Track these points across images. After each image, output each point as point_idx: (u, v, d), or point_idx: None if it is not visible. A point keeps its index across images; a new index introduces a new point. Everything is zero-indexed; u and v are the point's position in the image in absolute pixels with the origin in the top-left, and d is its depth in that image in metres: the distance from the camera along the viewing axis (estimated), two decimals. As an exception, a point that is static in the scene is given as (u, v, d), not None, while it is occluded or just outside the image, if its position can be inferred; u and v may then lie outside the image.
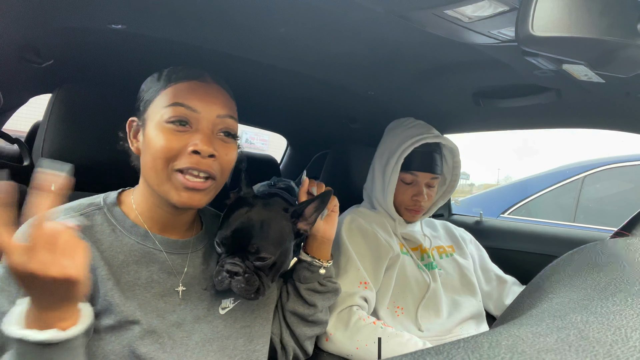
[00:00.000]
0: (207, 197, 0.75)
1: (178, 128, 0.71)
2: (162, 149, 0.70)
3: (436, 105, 1.44)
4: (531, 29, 0.53)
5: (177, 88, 0.74)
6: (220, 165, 0.75)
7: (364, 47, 0.99)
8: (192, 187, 0.71)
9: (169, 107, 0.72)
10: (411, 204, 1.32)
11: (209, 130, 0.73)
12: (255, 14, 0.86)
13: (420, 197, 1.30)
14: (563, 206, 3.00)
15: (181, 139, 0.71)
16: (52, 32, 0.94)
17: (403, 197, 1.32)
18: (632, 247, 0.43)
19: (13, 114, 1.30)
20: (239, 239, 0.81)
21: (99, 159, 0.99)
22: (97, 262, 0.70)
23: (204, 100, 0.73)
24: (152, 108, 0.75)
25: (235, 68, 1.18)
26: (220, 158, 0.74)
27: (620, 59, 0.59)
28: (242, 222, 0.82)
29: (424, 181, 1.32)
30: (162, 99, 0.74)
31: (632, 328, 0.28)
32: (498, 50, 0.86)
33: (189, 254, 0.81)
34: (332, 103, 1.53)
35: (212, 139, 0.73)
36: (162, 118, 0.72)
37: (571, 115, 1.30)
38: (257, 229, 0.82)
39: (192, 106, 0.72)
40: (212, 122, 0.74)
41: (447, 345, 0.28)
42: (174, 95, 0.73)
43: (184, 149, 0.71)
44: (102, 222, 0.74)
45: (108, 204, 0.78)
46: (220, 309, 0.82)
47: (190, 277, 0.80)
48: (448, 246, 1.43)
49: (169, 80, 0.76)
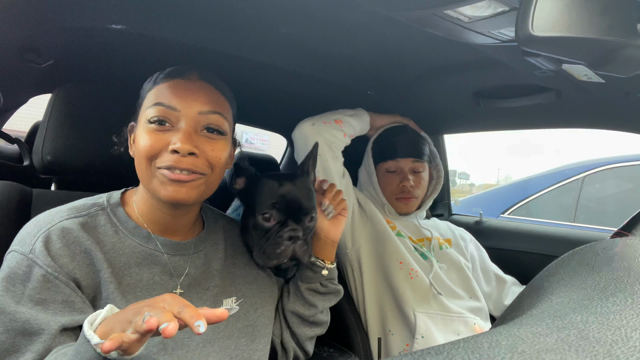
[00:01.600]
0: (196, 191, 0.73)
1: (159, 128, 0.72)
2: (144, 148, 0.71)
3: (436, 105, 1.44)
4: (531, 29, 0.53)
5: (159, 88, 0.75)
6: (208, 161, 0.74)
7: (364, 47, 0.99)
8: (176, 179, 0.70)
9: (152, 107, 0.73)
10: (399, 192, 1.35)
11: (190, 127, 0.72)
12: (255, 14, 0.86)
13: (406, 182, 1.34)
14: (563, 206, 3.00)
15: (162, 138, 0.71)
16: (52, 32, 0.94)
17: (391, 187, 1.35)
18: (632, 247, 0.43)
19: (13, 114, 1.30)
20: (289, 206, 0.86)
21: (99, 159, 0.99)
22: (100, 264, 0.69)
23: (183, 98, 0.73)
24: (141, 110, 0.76)
25: (235, 68, 1.18)
26: (205, 154, 0.73)
27: (620, 59, 0.59)
28: (286, 191, 0.88)
29: (407, 167, 1.36)
30: (147, 100, 0.75)
31: (632, 328, 0.28)
32: (498, 50, 0.86)
33: (190, 255, 0.81)
34: (332, 103, 1.53)
35: (193, 136, 0.72)
36: (146, 118, 0.73)
37: (571, 115, 1.30)
38: (301, 193, 0.88)
39: (172, 105, 0.72)
40: (193, 120, 0.73)
41: (447, 345, 0.28)
42: (156, 95, 0.74)
43: (164, 148, 0.71)
44: (105, 223, 0.74)
45: (111, 205, 0.77)
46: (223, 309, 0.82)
47: (191, 278, 0.79)
48: (445, 239, 1.44)
49: (154, 82, 0.77)
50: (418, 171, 1.38)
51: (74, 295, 0.65)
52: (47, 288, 0.64)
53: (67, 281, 0.65)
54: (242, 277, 0.88)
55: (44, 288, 0.63)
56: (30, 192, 0.94)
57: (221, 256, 0.87)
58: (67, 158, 0.97)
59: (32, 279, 0.64)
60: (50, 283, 0.64)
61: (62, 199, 0.91)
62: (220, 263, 0.85)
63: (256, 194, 0.90)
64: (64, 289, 0.65)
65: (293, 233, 0.84)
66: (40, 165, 0.97)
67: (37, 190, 0.95)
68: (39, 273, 0.64)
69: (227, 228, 0.94)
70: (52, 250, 0.66)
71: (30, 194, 0.94)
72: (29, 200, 0.93)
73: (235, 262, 0.89)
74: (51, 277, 0.64)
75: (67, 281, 0.65)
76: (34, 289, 0.63)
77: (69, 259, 0.67)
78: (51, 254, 0.65)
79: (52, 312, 0.63)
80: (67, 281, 0.65)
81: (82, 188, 1.03)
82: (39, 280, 0.63)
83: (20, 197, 0.91)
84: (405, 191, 1.34)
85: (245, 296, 0.86)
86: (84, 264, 0.68)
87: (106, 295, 0.69)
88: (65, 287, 0.65)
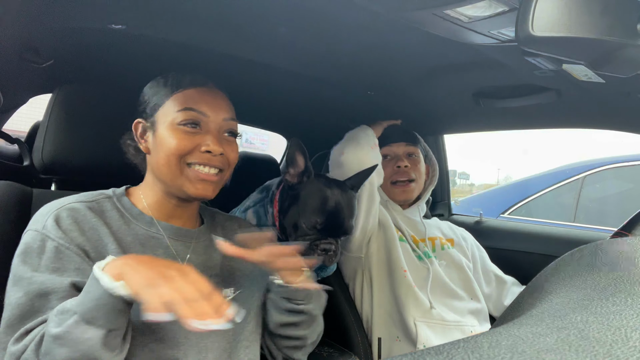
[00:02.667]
0: (217, 188, 0.84)
1: (190, 129, 0.80)
2: (177, 146, 0.79)
3: (436, 105, 1.44)
4: (531, 29, 0.53)
5: (186, 94, 0.83)
6: (228, 160, 0.84)
7: (364, 47, 0.99)
8: (205, 178, 0.80)
9: (181, 111, 0.81)
10: (394, 173, 1.36)
11: (216, 131, 0.83)
12: (255, 14, 0.86)
13: (401, 162, 1.36)
14: (563, 206, 3.00)
15: (193, 139, 0.80)
16: (52, 32, 0.94)
17: (387, 171, 1.37)
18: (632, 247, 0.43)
19: (13, 114, 1.30)
20: (332, 223, 0.95)
21: (99, 159, 0.99)
22: (107, 238, 0.75)
23: (211, 105, 0.83)
24: (162, 111, 0.82)
25: (235, 68, 1.18)
26: (227, 155, 0.84)
27: (620, 59, 0.59)
28: (333, 209, 0.97)
29: (401, 150, 1.39)
30: (172, 104, 0.82)
31: (632, 328, 0.28)
32: (498, 50, 0.86)
33: (192, 243, 0.86)
34: (332, 103, 1.53)
35: (220, 139, 0.82)
36: (175, 121, 0.80)
37: (571, 115, 1.30)
38: (346, 211, 0.96)
39: (203, 111, 0.81)
40: (219, 125, 0.83)
41: (447, 345, 0.28)
42: (184, 100, 0.82)
43: (196, 148, 0.80)
44: (111, 208, 0.81)
45: (117, 195, 0.84)
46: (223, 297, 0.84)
47: (193, 264, 0.82)
48: (448, 239, 1.44)
49: (178, 86, 0.84)
50: (412, 154, 1.40)
51: (84, 263, 0.71)
52: (60, 258, 0.70)
53: (77, 251, 0.71)
54: (240, 270, 0.91)
55: (57, 258, 0.69)
56: (30, 192, 0.94)
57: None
58: (67, 158, 0.98)
59: (46, 251, 0.70)
60: (62, 254, 0.70)
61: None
62: (220, 255, 0.88)
63: (306, 199, 0.99)
64: (75, 258, 0.71)
65: (328, 247, 0.95)
66: (40, 165, 0.97)
67: (37, 190, 0.95)
68: (51, 245, 0.70)
69: (225, 225, 0.97)
70: (62, 226, 0.72)
71: (30, 194, 0.94)
72: (29, 200, 0.93)
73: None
74: (62, 248, 0.70)
75: (78, 251, 0.71)
76: (49, 259, 0.69)
77: (78, 233, 0.73)
78: (62, 229, 0.72)
79: (66, 277, 0.69)
80: (77, 251, 0.71)
81: (82, 188, 1.03)
82: (52, 251, 0.70)
83: (20, 197, 0.91)
84: (400, 172, 1.36)
85: (243, 287, 0.89)
86: (92, 239, 0.74)
87: None
88: (77, 256, 0.71)
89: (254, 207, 1.17)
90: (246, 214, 1.17)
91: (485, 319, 1.34)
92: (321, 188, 0.99)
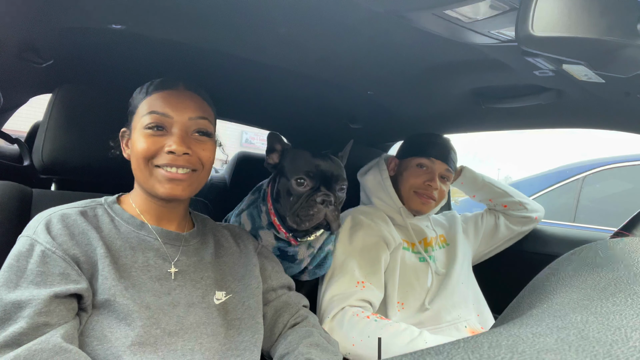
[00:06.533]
0: (191, 187, 0.85)
1: (155, 132, 0.82)
2: (142, 150, 0.81)
3: (436, 105, 1.43)
4: (531, 29, 0.53)
5: (152, 98, 0.85)
6: (199, 159, 0.85)
7: (364, 47, 0.99)
8: (173, 178, 0.82)
9: (147, 115, 0.83)
10: (423, 188, 1.34)
11: (182, 132, 0.83)
12: (255, 14, 0.86)
13: (433, 183, 1.33)
14: (563, 206, 3.00)
15: (158, 141, 0.82)
16: (52, 32, 0.94)
17: (416, 180, 1.35)
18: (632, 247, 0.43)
19: (13, 114, 1.30)
20: (322, 173, 0.96)
21: (98, 159, 0.99)
22: (97, 242, 0.77)
23: (175, 106, 0.84)
24: (135, 118, 0.86)
25: (235, 68, 1.18)
26: (197, 154, 0.84)
27: (620, 59, 0.59)
28: (319, 161, 0.98)
29: (439, 170, 1.36)
30: (142, 109, 0.85)
31: (632, 328, 0.28)
32: (498, 50, 0.86)
33: (181, 246, 0.87)
34: (332, 103, 1.53)
35: (186, 139, 0.83)
36: (142, 125, 0.83)
37: (571, 115, 1.30)
38: (336, 163, 0.99)
39: (165, 112, 0.83)
40: (185, 125, 0.84)
41: (447, 345, 0.28)
42: (150, 104, 0.84)
43: (161, 149, 0.82)
44: (103, 214, 0.84)
45: (108, 202, 0.87)
46: (215, 299, 0.85)
47: (184, 265, 0.85)
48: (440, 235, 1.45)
49: (146, 93, 0.86)
50: (445, 177, 1.38)
51: (69, 268, 0.73)
52: (45, 262, 0.72)
53: (63, 256, 0.74)
54: (231, 275, 0.91)
55: (43, 262, 0.72)
56: (30, 192, 0.94)
57: (211, 252, 0.92)
58: (67, 158, 0.98)
59: (33, 255, 0.73)
60: (48, 258, 0.73)
61: (62, 199, 0.91)
62: (211, 257, 0.90)
63: (291, 163, 1.01)
64: (60, 262, 0.73)
65: (325, 197, 0.94)
66: (40, 165, 0.97)
67: (37, 190, 0.95)
68: (38, 249, 0.73)
69: (215, 230, 0.98)
70: (52, 231, 0.75)
71: (30, 194, 0.94)
72: (29, 200, 0.93)
73: (225, 260, 0.93)
74: (49, 252, 0.73)
75: (64, 256, 0.74)
76: (35, 263, 0.72)
77: (67, 238, 0.76)
78: (51, 234, 0.75)
79: (49, 284, 0.70)
80: (63, 256, 0.74)
81: (82, 188, 1.04)
82: (39, 256, 0.73)
83: (20, 197, 0.91)
84: (428, 189, 1.34)
85: (234, 292, 0.89)
86: (82, 243, 0.77)
87: (102, 269, 0.75)
88: (62, 261, 0.73)
89: (247, 209, 1.17)
90: (240, 217, 1.17)
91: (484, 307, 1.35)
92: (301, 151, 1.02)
